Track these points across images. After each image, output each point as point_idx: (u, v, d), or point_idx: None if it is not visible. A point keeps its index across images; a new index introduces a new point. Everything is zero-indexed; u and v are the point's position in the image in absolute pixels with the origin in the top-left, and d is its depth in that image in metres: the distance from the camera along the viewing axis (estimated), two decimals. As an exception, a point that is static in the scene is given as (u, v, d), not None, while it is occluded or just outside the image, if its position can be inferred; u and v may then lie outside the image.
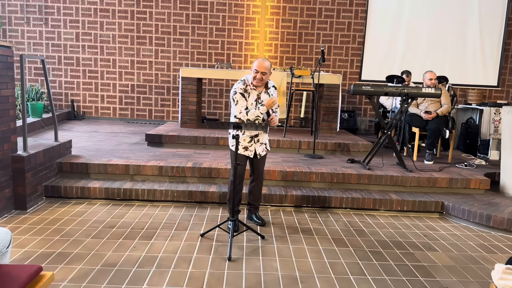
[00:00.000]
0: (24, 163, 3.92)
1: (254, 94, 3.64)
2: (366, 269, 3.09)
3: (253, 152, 3.72)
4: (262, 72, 3.52)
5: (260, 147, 3.74)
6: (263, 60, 3.54)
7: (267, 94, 3.70)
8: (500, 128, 6.38)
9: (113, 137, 6.49)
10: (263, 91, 3.67)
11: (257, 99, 3.64)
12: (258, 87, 3.65)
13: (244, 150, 3.70)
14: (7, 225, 3.60)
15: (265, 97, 3.66)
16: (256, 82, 3.56)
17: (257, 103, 3.64)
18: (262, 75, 3.52)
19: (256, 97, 3.63)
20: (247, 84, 3.62)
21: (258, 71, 3.52)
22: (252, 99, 3.62)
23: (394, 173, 4.87)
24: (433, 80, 5.71)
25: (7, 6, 8.09)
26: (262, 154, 3.77)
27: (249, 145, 3.70)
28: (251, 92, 3.62)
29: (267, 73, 3.55)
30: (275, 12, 8.32)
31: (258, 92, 3.64)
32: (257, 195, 3.89)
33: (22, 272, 1.90)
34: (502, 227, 4.00)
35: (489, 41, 8.39)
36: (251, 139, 3.70)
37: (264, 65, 3.53)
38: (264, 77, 3.54)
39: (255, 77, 3.55)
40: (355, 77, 8.57)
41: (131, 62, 8.35)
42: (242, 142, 3.68)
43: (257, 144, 3.72)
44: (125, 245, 3.30)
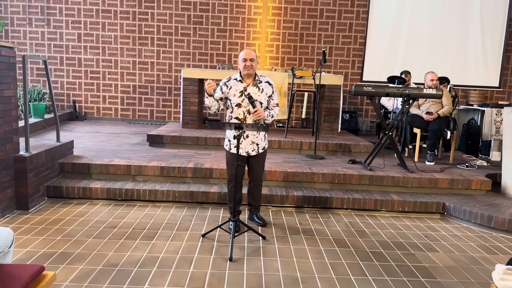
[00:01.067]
0: (26, 163, 3.93)
1: (240, 87, 3.57)
2: (367, 269, 3.10)
3: (245, 150, 3.63)
4: (251, 59, 3.49)
5: (250, 145, 3.62)
6: (248, 49, 3.55)
7: (256, 87, 3.59)
8: (502, 129, 6.37)
9: (114, 138, 6.50)
10: (251, 84, 3.58)
11: (243, 91, 3.55)
12: (246, 78, 3.57)
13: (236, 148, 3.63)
14: (9, 225, 3.61)
15: (253, 90, 3.56)
16: (247, 70, 3.50)
17: (243, 95, 3.54)
18: (251, 62, 3.49)
19: (242, 89, 3.55)
20: (232, 79, 3.61)
21: (246, 58, 3.49)
22: (235, 90, 3.56)
23: (395, 173, 4.87)
24: (434, 81, 5.70)
25: (9, 7, 8.12)
26: (252, 154, 3.64)
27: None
28: (234, 85, 3.57)
29: (255, 60, 3.53)
30: (276, 13, 8.33)
31: (245, 84, 3.57)
32: (257, 196, 3.85)
33: (24, 272, 1.91)
34: (503, 228, 4.00)
35: (491, 41, 8.38)
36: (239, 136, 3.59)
37: (251, 52, 3.53)
38: (253, 64, 3.50)
39: (244, 66, 3.50)
40: (356, 78, 8.58)
41: (132, 62, 8.37)
42: (232, 140, 3.63)
43: (246, 141, 3.60)
44: (126, 245, 3.31)
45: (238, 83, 3.59)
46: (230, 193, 3.66)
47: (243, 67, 3.52)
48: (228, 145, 3.70)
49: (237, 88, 3.58)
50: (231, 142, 3.66)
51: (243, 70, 3.53)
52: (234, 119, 3.62)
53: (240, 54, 3.55)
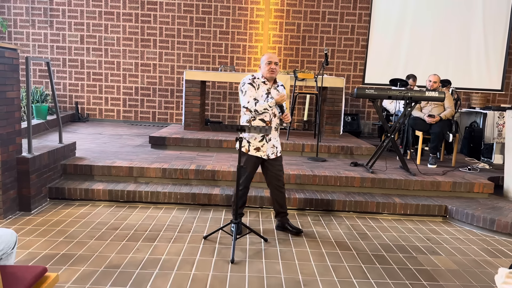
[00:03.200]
0: (28, 164, 3.94)
1: (264, 88, 3.55)
2: (369, 272, 3.09)
3: (265, 153, 3.59)
4: (275, 62, 3.50)
5: (271, 149, 3.61)
6: (271, 53, 3.61)
7: (276, 90, 3.62)
8: (504, 132, 6.36)
9: (117, 139, 6.51)
10: (272, 87, 3.60)
11: (267, 93, 3.55)
12: (269, 80, 3.57)
13: (256, 151, 3.58)
14: (12, 226, 3.62)
15: (274, 93, 3.58)
16: (270, 73, 3.49)
17: (268, 97, 3.54)
18: (275, 66, 3.49)
19: (266, 91, 3.54)
20: (256, 77, 3.56)
21: (271, 61, 3.49)
22: (262, 91, 3.53)
23: (397, 176, 4.86)
24: (431, 82, 5.70)
25: (13, 9, 8.15)
26: (271, 157, 3.62)
27: (260, 145, 3.57)
28: (260, 85, 3.54)
29: (278, 63, 3.54)
30: (278, 15, 8.35)
31: (268, 87, 3.57)
32: (282, 201, 3.74)
33: (27, 273, 1.91)
34: (506, 231, 3.99)
35: (493, 44, 8.38)
36: (262, 138, 3.57)
37: (275, 56, 3.55)
38: (277, 68, 3.51)
39: (269, 69, 3.49)
40: (358, 80, 8.58)
41: (135, 64, 8.38)
42: (253, 142, 3.55)
43: (269, 144, 3.59)
44: (128, 247, 3.31)
45: (263, 85, 3.56)
46: (239, 196, 3.58)
47: (267, 70, 3.50)
48: (246, 147, 3.59)
49: (262, 89, 3.56)
50: (250, 144, 3.57)
51: (267, 73, 3.51)
52: (258, 120, 3.55)
53: (263, 57, 3.53)
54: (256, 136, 3.56)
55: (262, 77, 3.56)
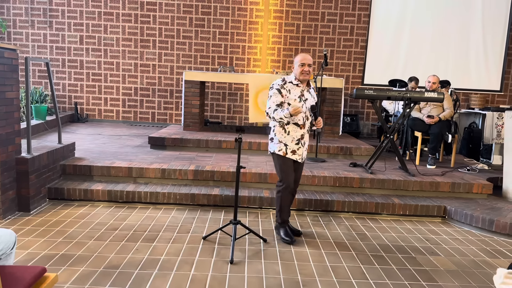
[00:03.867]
0: (28, 165, 3.94)
1: (297, 91, 3.43)
2: (368, 273, 3.09)
3: (301, 156, 3.54)
4: (309, 64, 3.37)
5: (305, 152, 3.59)
6: (305, 53, 3.43)
7: (309, 93, 3.51)
8: (503, 133, 6.37)
9: (116, 140, 6.51)
10: (306, 89, 3.48)
11: (301, 96, 3.43)
12: (303, 82, 3.45)
13: (292, 154, 3.50)
14: (11, 227, 3.62)
15: (307, 95, 3.48)
16: (303, 76, 3.37)
17: (301, 100, 3.42)
18: (309, 68, 3.37)
19: (300, 94, 3.42)
20: (287, 81, 3.44)
21: (304, 63, 3.36)
22: (294, 95, 3.41)
23: (396, 177, 4.87)
24: (430, 83, 5.71)
25: (12, 9, 8.15)
26: (302, 160, 3.60)
27: (296, 148, 3.50)
28: (292, 89, 3.42)
29: (312, 66, 3.42)
30: (278, 16, 8.35)
31: (301, 89, 3.45)
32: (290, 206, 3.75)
33: (27, 273, 1.91)
34: (504, 232, 3.99)
35: (492, 45, 8.39)
36: (298, 142, 3.49)
37: (309, 57, 3.40)
38: (311, 70, 3.39)
39: (302, 71, 3.37)
40: (357, 81, 8.59)
41: (134, 65, 8.39)
42: (290, 144, 3.47)
43: (304, 147, 3.54)
44: (127, 248, 3.31)
45: (295, 87, 3.44)
46: (285, 201, 3.56)
47: (300, 72, 3.39)
48: (283, 150, 3.49)
49: (295, 92, 3.44)
50: (288, 147, 3.48)
51: (300, 75, 3.39)
52: (292, 124, 3.46)
53: (297, 58, 3.41)
54: (293, 138, 3.47)
55: (295, 79, 3.44)
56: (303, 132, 3.48)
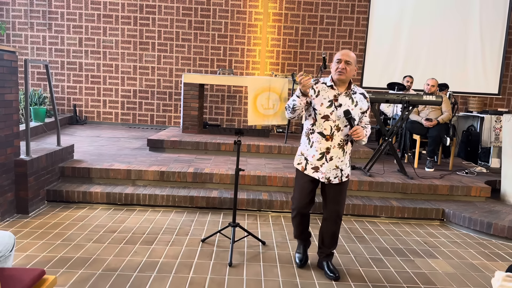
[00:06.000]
0: (26, 167, 3.94)
1: (330, 94, 2.85)
2: (366, 275, 3.10)
3: (325, 176, 2.90)
4: (346, 61, 2.77)
5: (333, 171, 2.89)
6: (348, 50, 2.85)
7: (349, 98, 2.87)
8: (501, 136, 6.39)
9: (115, 142, 6.51)
10: (343, 93, 2.86)
11: (333, 100, 2.84)
12: (339, 84, 2.86)
13: (314, 171, 2.92)
14: (9, 229, 3.61)
15: (345, 101, 2.85)
16: (338, 74, 2.79)
17: (333, 105, 2.83)
18: (346, 64, 2.77)
19: (332, 98, 2.84)
20: (321, 82, 2.91)
21: (341, 59, 2.79)
22: (323, 98, 2.84)
23: (395, 180, 4.87)
24: (429, 86, 5.74)
25: (11, 11, 8.15)
26: (334, 182, 2.91)
27: (319, 164, 2.89)
28: (323, 90, 2.86)
29: (352, 63, 2.79)
30: (277, 19, 8.38)
31: (337, 92, 2.85)
32: (328, 238, 3.06)
33: (25, 276, 1.91)
34: (502, 235, 4.00)
35: (490, 49, 8.42)
36: (321, 156, 2.88)
37: (349, 53, 2.81)
38: (348, 68, 2.77)
39: (337, 69, 2.80)
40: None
41: (133, 67, 8.39)
42: (311, 159, 2.90)
43: (329, 164, 2.88)
44: (126, 250, 3.31)
45: (328, 89, 2.86)
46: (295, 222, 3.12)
47: (335, 70, 2.82)
48: (302, 164, 2.97)
49: (326, 95, 2.85)
50: (308, 162, 2.92)
51: (335, 73, 2.82)
52: (317, 134, 2.87)
53: (336, 55, 2.85)
54: (316, 151, 2.88)
55: (330, 80, 2.88)
56: (329, 145, 2.85)
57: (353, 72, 2.83)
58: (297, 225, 3.13)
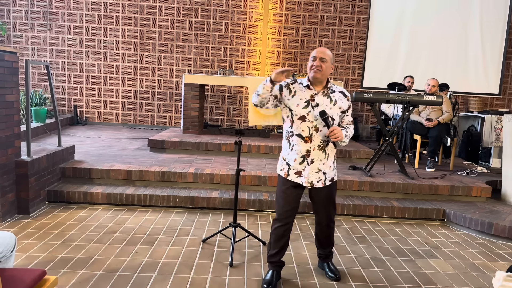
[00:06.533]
0: (27, 168, 3.94)
1: (306, 94, 2.72)
2: (367, 275, 3.10)
3: (308, 180, 2.77)
4: (321, 58, 2.65)
5: (315, 174, 2.77)
6: (324, 48, 2.72)
7: (327, 98, 2.73)
8: (502, 136, 6.39)
9: (115, 143, 6.52)
10: (320, 92, 2.73)
11: (310, 100, 2.71)
12: (315, 83, 2.73)
13: (297, 176, 2.78)
14: (10, 230, 3.62)
15: (323, 100, 2.71)
16: (313, 72, 2.66)
17: (310, 105, 2.70)
18: (321, 62, 2.64)
19: (309, 98, 2.71)
20: (298, 82, 2.78)
21: (316, 56, 2.66)
22: (299, 99, 2.71)
23: (395, 180, 4.87)
24: (429, 86, 5.74)
25: (12, 12, 8.17)
26: (317, 186, 2.79)
27: (301, 167, 2.76)
28: (299, 90, 2.74)
29: (328, 61, 2.66)
30: (277, 19, 8.38)
31: (314, 92, 2.72)
32: (324, 239, 3.03)
33: (26, 276, 1.91)
34: (503, 235, 4.00)
35: (491, 49, 8.42)
36: (302, 159, 2.75)
37: (324, 51, 2.68)
38: (323, 65, 2.64)
39: (312, 66, 2.67)
40: (356, 84, 8.61)
41: (134, 68, 8.40)
42: (292, 164, 2.77)
43: (311, 167, 2.75)
44: (127, 251, 3.31)
45: (304, 89, 2.74)
46: (274, 235, 2.85)
47: (309, 68, 2.70)
48: (284, 170, 2.81)
49: (302, 95, 2.73)
50: (290, 167, 2.79)
51: (310, 71, 2.70)
52: (295, 136, 2.74)
53: (311, 53, 2.73)
54: (297, 155, 2.75)
55: (307, 80, 2.75)
56: (309, 147, 2.72)
57: (329, 70, 2.70)
58: (277, 239, 2.84)
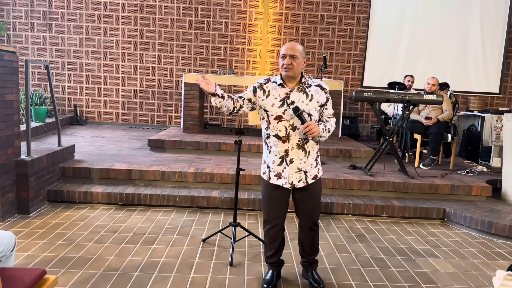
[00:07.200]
0: (27, 167, 3.94)
1: (281, 92, 2.60)
2: (367, 275, 3.09)
3: (288, 181, 2.66)
4: (291, 55, 2.53)
5: (296, 174, 2.65)
6: (293, 42, 2.59)
7: (303, 93, 2.61)
8: (502, 135, 6.38)
9: (115, 142, 6.51)
10: (295, 89, 2.61)
11: (285, 98, 2.59)
12: (288, 81, 2.62)
13: (277, 178, 2.68)
14: (10, 229, 3.62)
15: (298, 96, 2.59)
16: (285, 71, 2.56)
17: (285, 103, 2.58)
18: (291, 59, 2.53)
19: (284, 96, 2.59)
20: (272, 81, 2.67)
21: (285, 54, 2.55)
22: (273, 98, 2.60)
23: (395, 179, 4.87)
24: (429, 85, 5.74)
25: (12, 12, 8.16)
26: (298, 185, 2.68)
27: (281, 169, 2.65)
28: (273, 89, 2.63)
29: (299, 57, 2.55)
30: (277, 18, 8.38)
31: (288, 89, 2.60)
32: (308, 246, 2.85)
33: (26, 276, 1.91)
34: (504, 234, 4.00)
35: (491, 48, 8.42)
36: (281, 160, 2.64)
37: (294, 46, 2.56)
38: (294, 62, 2.53)
39: (283, 65, 2.56)
40: (357, 84, 8.60)
41: (134, 67, 8.40)
42: (272, 166, 2.68)
43: (290, 167, 2.64)
44: (127, 250, 3.31)
45: (278, 88, 2.62)
46: (268, 237, 2.80)
47: (281, 66, 2.60)
48: (266, 173, 2.72)
49: (277, 94, 2.61)
50: (270, 169, 2.69)
51: (281, 70, 2.60)
52: (272, 137, 2.64)
53: (280, 50, 2.60)
54: (275, 156, 2.66)
55: (280, 78, 2.65)
56: (287, 147, 2.61)
57: (301, 66, 2.59)
58: (271, 241, 2.80)
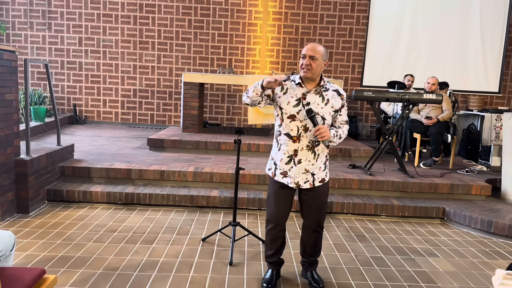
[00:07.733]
0: (27, 167, 3.94)
1: (298, 92, 2.60)
2: (367, 274, 3.09)
3: (294, 181, 2.65)
4: (311, 56, 2.51)
5: (302, 175, 2.65)
6: (315, 44, 2.57)
7: (319, 96, 2.60)
8: (502, 135, 6.38)
9: (115, 142, 6.51)
10: (312, 91, 2.60)
11: (301, 99, 2.58)
12: (307, 81, 2.61)
13: (283, 176, 2.67)
14: (10, 229, 3.61)
15: (314, 99, 2.58)
16: (303, 72, 2.55)
17: (301, 104, 2.58)
18: (310, 60, 2.51)
19: (300, 96, 2.59)
20: (291, 79, 2.67)
21: (305, 54, 2.54)
22: (290, 96, 2.59)
23: (395, 178, 4.87)
24: (429, 84, 5.74)
25: (11, 11, 8.15)
26: (304, 186, 2.66)
27: (287, 168, 2.65)
28: (291, 88, 2.62)
29: (319, 58, 2.52)
30: (277, 18, 8.37)
31: (305, 90, 2.60)
32: (310, 247, 2.86)
33: (26, 275, 1.91)
34: (503, 233, 4.00)
35: (491, 47, 8.42)
36: (289, 159, 2.63)
37: (315, 47, 2.54)
38: (313, 63, 2.51)
39: (301, 65, 2.55)
40: (356, 83, 8.60)
41: (133, 67, 8.39)
42: (279, 164, 2.68)
43: (298, 168, 2.63)
44: (126, 249, 3.31)
45: (296, 87, 2.61)
46: (269, 237, 2.80)
47: (300, 67, 2.59)
48: (272, 170, 2.73)
49: (294, 93, 2.61)
50: (277, 166, 2.69)
51: (300, 70, 2.60)
52: (284, 135, 2.63)
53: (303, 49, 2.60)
54: (284, 155, 2.65)
55: (299, 78, 2.63)
56: (297, 147, 2.61)
57: (321, 68, 2.56)
58: (272, 241, 2.79)
